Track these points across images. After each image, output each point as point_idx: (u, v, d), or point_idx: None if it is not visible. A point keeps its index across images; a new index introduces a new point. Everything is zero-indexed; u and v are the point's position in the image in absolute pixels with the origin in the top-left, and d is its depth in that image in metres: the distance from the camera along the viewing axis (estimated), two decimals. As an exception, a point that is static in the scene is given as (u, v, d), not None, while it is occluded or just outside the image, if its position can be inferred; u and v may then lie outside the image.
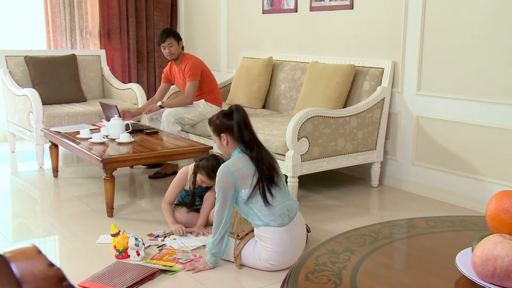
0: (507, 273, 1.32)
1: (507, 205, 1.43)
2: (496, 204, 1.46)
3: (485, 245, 1.37)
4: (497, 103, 4.39)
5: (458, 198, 4.71)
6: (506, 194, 1.46)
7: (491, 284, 1.34)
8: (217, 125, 3.41)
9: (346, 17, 5.50)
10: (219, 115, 3.43)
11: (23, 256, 0.91)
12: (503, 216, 1.43)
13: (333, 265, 1.49)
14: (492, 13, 4.35)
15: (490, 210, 1.47)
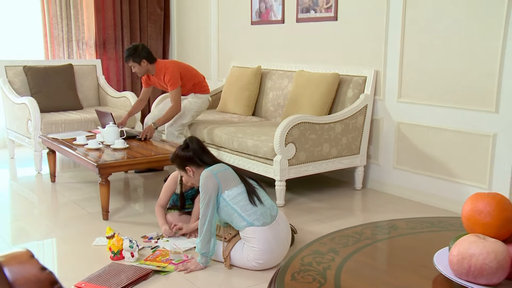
0: (481, 271, 1.33)
1: (481, 207, 1.43)
2: (471, 205, 1.46)
3: (461, 245, 1.38)
4: (471, 110, 4.41)
5: (437, 199, 4.73)
6: (480, 196, 1.47)
7: (466, 281, 1.34)
8: (179, 161, 3.57)
9: (331, 28, 5.52)
10: (177, 151, 3.59)
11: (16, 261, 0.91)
12: (477, 217, 1.44)
13: (318, 265, 1.49)
14: (467, 27, 4.38)
15: (465, 211, 1.48)
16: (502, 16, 4.16)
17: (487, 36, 4.26)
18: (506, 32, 4.15)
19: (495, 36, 4.22)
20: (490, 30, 4.24)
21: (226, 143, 5.10)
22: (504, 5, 4.13)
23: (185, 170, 3.55)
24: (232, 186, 3.31)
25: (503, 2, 4.14)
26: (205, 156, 3.52)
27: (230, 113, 6.11)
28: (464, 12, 4.39)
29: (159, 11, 7.86)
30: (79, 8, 7.26)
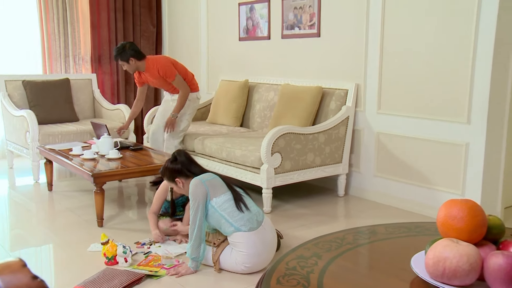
0: (455, 273, 1.33)
1: (455, 213, 1.44)
2: (445, 211, 1.47)
3: (436, 249, 1.39)
4: (446, 121, 4.45)
5: (414, 205, 4.75)
6: (453, 202, 1.48)
7: (441, 283, 1.35)
8: (168, 173, 3.58)
9: (314, 44, 5.54)
10: (166, 164, 3.60)
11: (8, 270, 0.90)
12: (451, 222, 1.45)
13: (302, 269, 1.49)
14: (441, 44, 4.42)
15: (440, 217, 1.48)
16: (471, 36, 4.20)
17: (459, 53, 4.30)
18: (476, 50, 4.19)
19: (466, 53, 4.26)
20: (462, 48, 4.28)
21: (216, 153, 5.10)
22: (473, 25, 4.18)
23: (175, 182, 3.55)
24: (220, 193, 3.32)
25: (471, 22, 4.18)
26: (193, 167, 3.54)
27: (219, 124, 6.11)
28: (438, 30, 4.43)
29: (152, 28, 7.87)
30: (76, 25, 7.25)
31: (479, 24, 4.16)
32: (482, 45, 4.16)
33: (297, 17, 5.68)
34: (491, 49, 4.12)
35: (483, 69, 4.17)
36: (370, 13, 4.94)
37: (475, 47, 4.20)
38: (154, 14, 7.86)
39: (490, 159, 4.31)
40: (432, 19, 4.47)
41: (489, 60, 4.14)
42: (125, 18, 7.65)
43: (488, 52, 4.13)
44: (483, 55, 4.17)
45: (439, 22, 4.42)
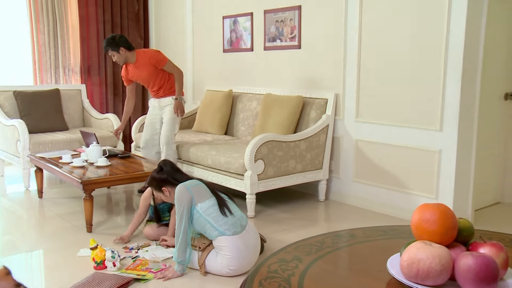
0: (428, 273, 1.35)
1: (427, 216, 1.46)
2: (419, 215, 1.49)
3: (410, 251, 1.40)
4: (420, 129, 4.49)
5: (391, 209, 4.78)
6: (426, 206, 1.50)
7: (415, 283, 1.36)
8: (155, 183, 3.59)
9: (295, 56, 5.57)
10: (153, 174, 3.62)
11: (-8, 278, 0.90)
12: (424, 225, 1.46)
13: (283, 272, 1.50)
14: (415, 55, 4.46)
15: (414, 220, 1.50)
16: (442, 51, 4.26)
17: (431, 66, 4.35)
18: (446, 64, 4.25)
19: (437, 66, 4.31)
20: (434, 62, 4.33)
21: (201, 160, 5.09)
22: (443, 41, 4.23)
23: (162, 191, 3.56)
24: (205, 199, 3.31)
25: (442, 39, 4.23)
26: (178, 175, 3.54)
27: (205, 133, 6.10)
28: (412, 45, 4.48)
29: (139, 40, 7.85)
30: (66, 37, 7.21)
31: (449, 40, 4.22)
32: (452, 60, 4.22)
33: (278, 30, 5.71)
34: (460, 64, 4.18)
35: (453, 80, 4.23)
36: (348, 27, 4.98)
37: (445, 61, 4.26)
38: (141, 27, 7.86)
39: (461, 165, 4.35)
40: (405, 35, 4.52)
41: (458, 72, 4.20)
42: (114, 31, 7.62)
43: (457, 66, 4.19)
44: (453, 68, 4.23)
45: (412, 38, 4.47)
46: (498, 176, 5.24)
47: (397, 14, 4.57)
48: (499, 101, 5.05)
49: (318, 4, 5.26)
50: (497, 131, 5.09)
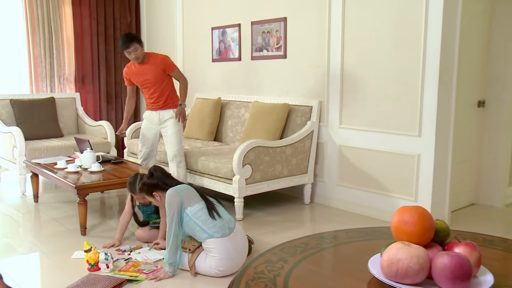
0: (406, 273, 1.36)
1: (406, 218, 1.47)
2: (398, 217, 1.50)
3: (390, 251, 1.41)
4: (400, 134, 4.51)
5: (373, 211, 4.79)
6: (405, 209, 1.51)
7: (394, 282, 1.37)
8: (146, 188, 3.56)
9: (281, 65, 5.58)
10: (143, 180, 3.59)
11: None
12: (403, 227, 1.47)
13: (269, 272, 1.50)
14: (394, 64, 4.49)
15: (394, 222, 1.51)
16: (420, 62, 4.29)
17: (410, 75, 4.38)
18: (424, 73, 4.28)
19: (416, 76, 4.34)
20: (412, 72, 4.36)
21: (191, 165, 5.08)
22: (421, 52, 4.26)
23: (153, 196, 3.54)
24: (194, 203, 3.30)
25: (420, 50, 4.27)
26: (168, 181, 3.53)
27: (195, 139, 6.09)
28: (391, 55, 4.51)
29: (131, 50, 7.82)
30: (61, 48, 7.18)
31: (426, 51, 4.26)
32: (429, 70, 4.26)
33: (265, 40, 5.72)
34: (437, 74, 4.22)
35: (431, 89, 4.26)
36: (331, 38, 5.00)
37: (423, 71, 4.29)
38: (133, 38, 7.83)
39: (438, 168, 4.38)
40: (385, 46, 4.55)
41: (435, 82, 4.23)
42: (107, 42, 7.62)
43: (434, 76, 4.23)
44: (430, 78, 4.26)
45: (392, 49, 4.50)
46: (472, 179, 5.28)
47: (378, 27, 4.60)
48: (473, 108, 5.10)
49: (303, 16, 5.28)
50: (471, 136, 5.14)
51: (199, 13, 6.71)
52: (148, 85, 4.93)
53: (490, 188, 5.26)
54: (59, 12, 7.13)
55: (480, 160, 5.29)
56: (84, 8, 7.36)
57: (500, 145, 5.17)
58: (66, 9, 7.23)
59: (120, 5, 7.69)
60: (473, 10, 4.79)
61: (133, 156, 6.00)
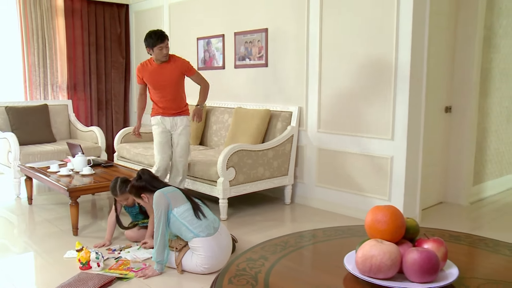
0: (379, 268, 1.36)
1: (379, 217, 1.47)
2: (372, 216, 1.50)
3: (364, 248, 1.41)
4: (374, 138, 4.54)
5: (349, 210, 4.81)
6: (378, 209, 1.51)
7: (368, 277, 1.37)
8: (135, 190, 3.53)
9: (263, 73, 5.59)
10: (132, 182, 3.55)
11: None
12: (376, 225, 1.47)
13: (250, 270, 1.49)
14: (369, 74, 4.52)
15: (367, 221, 1.51)
16: (391, 70, 4.32)
17: (383, 83, 4.41)
18: (396, 81, 4.31)
19: (388, 83, 4.37)
20: (385, 79, 4.39)
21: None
22: (392, 62, 4.30)
23: (141, 198, 3.52)
24: (180, 204, 3.29)
25: (391, 60, 4.30)
26: (156, 183, 3.50)
27: (181, 143, 6.06)
28: (366, 64, 4.53)
29: (121, 59, 7.79)
30: (54, 58, 7.11)
31: (398, 61, 4.29)
32: (401, 78, 4.29)
33: (247, 50, 5.72)
34: (407, 82, 4.26)
35: (402, 96, 4.30)
36: (310, 48, 5.02)
37: (395, 79, 4.32)
38: (123, 47, 7.79)
39: (410, 170, 4.41)
40: (360, 56, 4.57)
41: (406, 89, 4.27)
42: (98, 51, 7.57)
43: (405, 83, 4.27)
44: (401, 86, 4.29)
45: (366, 58, 4.53)
46: (441, 179, 5.33)
47: (353, 38, 4.62)
48: (441, 113, 5.15)
49: (283, 28, 5.29)
50: (439, 140, 5.19)
51: (185, 24, 6.69)
52: (162, 86, 4.55)
53: (456, 188, 5.32)
54: (52, 24, 7.06)
55: (447, 162, 5.34)
56: (76, 20, 7.31)
57: (465, 148, 5.23)
58: (59, 20, 7.17)
59: (110, 17, 7.65)
60: (439, 24, 4.85)
61: (122, 160, 5.95)
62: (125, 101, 7.92)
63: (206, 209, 3.39)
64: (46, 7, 6.97)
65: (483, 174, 5.64)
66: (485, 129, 5.57)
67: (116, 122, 7.80)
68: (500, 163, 5.96)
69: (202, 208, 3.35)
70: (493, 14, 5.37)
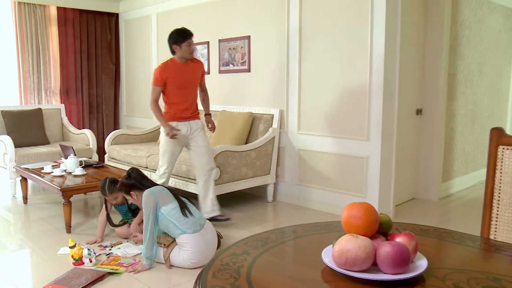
0: (355, 261, 1.36)
1: (354, 213, 1.47)
2: (347, 212, 1.50)
3: (341, 242, 1.41)
4: (351, 139, 4.56)
5: (328, 207, 4.83)
6: (353, 205, 1.51)
7: (345, 269, 1.37)
8: (124, 188, 3.51)
9: (246, 78, 5.58)
10: (122, 180, 3.53)
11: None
12: (352, 221, 1.47)
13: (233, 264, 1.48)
14: (345, 78, 4.54)
15: (343, 217, 1.51)
16: (367, 75, 4.35)
17: (359, 87, 4.44)
18: (371, 86, 4.34)
19: (363, 88, 4.40)
20: (361, 84, 4.42)
21: (166, 168, 5.02)
22: (367, 67, 4.33)
23: (130, 195, 3.49)
24: (168, 202, 3.27)
25: (366, 65, 4.33)
26: (145, 181, 3.48)
27: (169, 145, 6.02)
28: (343, 69, 4.56)
29: (111, 65, 7.72)
30: (48, 64, 7.03)
31: (372, 68, 4.32)
32: (375, 83, 4.32)
33: (231, 56, 5.71)
34: (381, 86, 4.29)
35: (376, 100, 4.32)
36: (290, 54, 5.03)
37: (370, 83, 4.35)
38: (113, 54, 7.73)
39: (384, 168, 4.44)
40: (338, 61, 4.60)
41: (380, 93, 4.30)
42: (89, 58, 7.50)
43: (379, 88, 4.30)
44: (375, 90, 4.33)
45: (343, 64, 4.55)
46: (412, 177, 5.37)
47: (331, 45, 4.64)
48: (412, 116, 5.20)
49: (265, 35, 5.29)
50: (411, 140, 5.23)
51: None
52: (187, 86, 4.19)
53: (427, 185, 5.37)
54: (46, 32, 6.98)
55: (418, 161, 5.39)
56: (69, 28, 7.24)
57: (434, 148, 5.28)
58: (52, 29, 7.09)
59: (101, 26, 7.59)
60: (410, 33, 4.90)
61: (113, 161, 5.90)
62: (115, 105, 7.86)
63: (192, 207, 3.38)
64: (40, 16, 6.90)
65: (451, 172, 5.71)
66: (453, 130, 5.63)
67: (106, 125, 7.74)
68: (465, 162, 6.03)
69: (188, 206, 3.33)
70: (457, 26, 5.45)
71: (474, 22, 5.79)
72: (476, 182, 6.22)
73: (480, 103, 6.18)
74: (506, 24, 6.61)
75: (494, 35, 6.33)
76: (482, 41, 6.03)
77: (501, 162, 1.94)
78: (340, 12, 4.53)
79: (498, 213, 1.94)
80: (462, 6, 5.51)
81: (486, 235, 1.96)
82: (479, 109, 6.18)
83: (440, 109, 5.22)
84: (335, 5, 4.57)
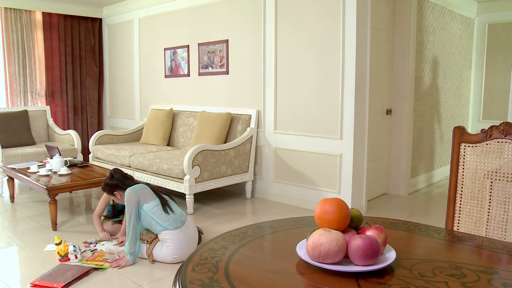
0: (327, 254, 1.36)
1: (327, 208, 1.47)
2: (320, 208, 1.50)
3: (314, 237, 1.41)
4: (325, 138, 4.58)
5: (303, 202, 4.84)
6: (326, 201, 1.51)
7: (318, 262, 1.37)
8: (108, 188, 3.47)
9: (224, 80, 5.56)
10: (105, 181, 3.48)
11: None
12: (324, 216, 1.47)
13: (212, 259, 1.47)
14: (319, 79, 4.56)
15: (316, 212, 1.51)
16: (339, 77, 4.37)
17: (332, 88, 4.46)
18: (343, 88, 4.37)
19: (336, 89, 4.42)
20: (334, 85, 4.44)
21: (147, 167, 4.98)
22: (340, 69, 4.35)
23: (114, 195, 3.45)
24: (150, 200, 3.23)
25: (339, 67, 4.35)
26: (127, 181, 3.44)
27: (150, 144, 5.98)
28: (316, 72, 4.57)
29: (95, 68, 7.61)
30: (33, 67, 6.90)
31: (345, 70, 4.34)
32: (347, 84, 4.34)
33: (210, 59, 5.68)
34: (353, 87, 4.31)
35: (349, 101, 4.35)
36: (266, 57, 5.03)
37: (342, 86, 4.38)
38: (97, 58, 7.62)
39: (357, 166, 4.47)
40: (312, 64, 4.61)
41: (352, 95, 4.32)
42: (74, 61, 7.39)
43: (351, 89, 4.32)
44: (348, 91, 4.35)
45: (317, 66, 4.57)
46: (384, 173, 5.43)
47: (305, 48, 4.66)
48: (382, 116, 5.24)
49: (242, 39, 5.28)
50: (381, 138, 5.28)
51: (153, 36, 6.60)
52: None
53: (397, 180, 5.42)
54: (31, 36, 6.86)
55: (388, 158, 5.45)
56: (54, 33, 7.11)
57: (403, 146, 5.34)
58: (38, 33, 6.96)
59: (85, 30, 7.48)
60: (379, 38, 4.95)
61: (97, 160, 5.82)
62: (99, 106, 7.76)
63: (173, 204, 3.35)
64: (26, 21, 6.77)
65: (418, 168, 5.78)
66: (420, 129, 5.71)
67: (90, 125, 7.63)
68: (431, 159, 6.12)
69: (170, 203, 3.30)
70: (423, 31, 5.53)
71: (437, 29, 5.88)
72: (441, 178, 6.32)
73: (444, 103, 6.28)
74: (466, 31, 6.74)
75: (456, 41, 6.45)
76: (445, 46, 6.14)
77: (463, 159, 1.97)
78: (314, 21, 4.54)
79: (461, 206, 1.97)
80: (427, 14, 5.59)
81: (450, 227, 1.99)
82: (443, 110, 6.27)
83: (408, 109, 5.28)
84: (308, 14, 4.58)
